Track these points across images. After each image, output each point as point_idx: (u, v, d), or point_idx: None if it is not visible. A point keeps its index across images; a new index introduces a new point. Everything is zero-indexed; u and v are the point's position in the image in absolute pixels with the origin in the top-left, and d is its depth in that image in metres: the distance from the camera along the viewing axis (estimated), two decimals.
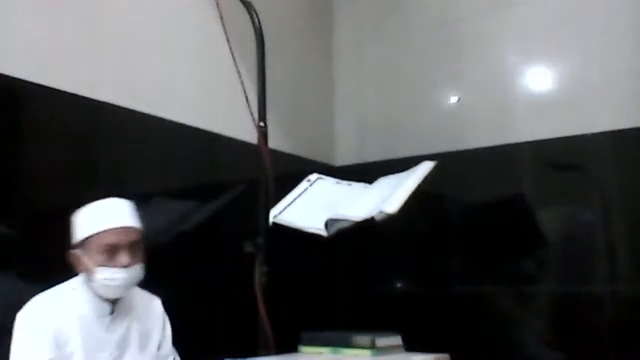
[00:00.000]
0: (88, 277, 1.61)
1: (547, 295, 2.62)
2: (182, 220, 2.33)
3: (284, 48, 2.84)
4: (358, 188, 2.71)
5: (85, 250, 1.61)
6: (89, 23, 2.12)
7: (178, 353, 1.82)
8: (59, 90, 1.97)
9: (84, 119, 2.05)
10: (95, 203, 1.65)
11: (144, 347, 1.71)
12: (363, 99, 3.23)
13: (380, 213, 2.22)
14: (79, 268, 1.63)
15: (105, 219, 1.62)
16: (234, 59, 2.38)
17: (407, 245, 2.85)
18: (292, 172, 2.76)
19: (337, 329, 2.41)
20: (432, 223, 2.85)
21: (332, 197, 2.64)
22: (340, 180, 2.79)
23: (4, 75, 1.82)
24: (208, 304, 2.28)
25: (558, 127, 2.61)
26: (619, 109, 2.52)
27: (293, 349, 2.25)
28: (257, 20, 2.37)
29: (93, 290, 1.62)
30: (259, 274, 2.19)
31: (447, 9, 3.02)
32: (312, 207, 2.55)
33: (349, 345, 2.16)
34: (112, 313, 1.65)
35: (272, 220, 2.35)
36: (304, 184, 2.69)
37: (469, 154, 2.79)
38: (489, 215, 2.73)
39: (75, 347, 1.57)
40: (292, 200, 2.57)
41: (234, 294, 2.26)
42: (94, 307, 1.63)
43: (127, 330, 1.67)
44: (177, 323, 1.82)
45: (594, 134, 2.53)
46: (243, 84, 2.35)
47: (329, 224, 2.39)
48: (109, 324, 1.64)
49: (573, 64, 2.67)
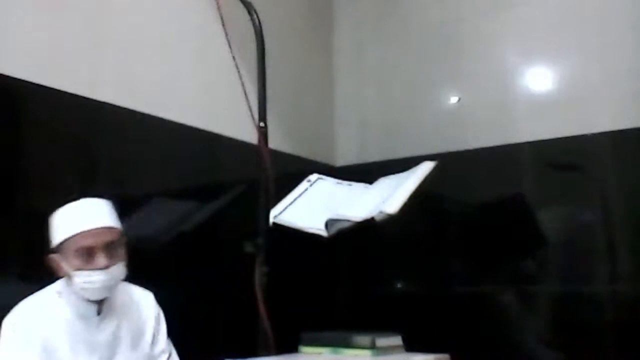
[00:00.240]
0: (68, 280, 1.58)
1: (547, 295, 2.62)
2: (182, 220, 2.32)
3: (284, 48, 2.84)
4: (358, 188, 2.71)
5: (62, 255, 1.57)
6: (89, 23, 2.12)
7: (178, 353, 1.81)
8: (59, 90, 1.96)
9: (84, 119, 2.05)
10: (69, 205, 1.61)
11: (136, 344, 1.69)
12: (363, 99, 3.23)
13: (380, 213, 2.22)
14: (59, 272, 1.59)
15: (78, 222, 1.57)
16: (234, 59, 2.39)
17: (407, 245, 2.85)
18: (292, 172, 2.76)
19: (337, 329, 2.41)
20: (432, 223, 2.85)
21: (332, 197, 2.63)
22: (340, 180, 2.79)
23: (4, 75, 1.82)
24: (208, 304, 2.27)
25: (558, 127, 2.61)
26: (619, 109, 2.52)
27: (293, 349, 2.25)
28: (257, 20, 2.37)
29: (76, 293, 1.59)
30: (259, 274, 2.20)
31: (447, 9, 3.01)
32: (312, 207, 2.55)
33: (349, 345, 2.16)
34: (99, 313, 1.62)
35: (272, 220, 2.35)
36: (304, 184, 2.69)
37: (469, 154, 2.79)
38: (489, 215, 2.73)
39: (63, 351, 1.55)
40: (292, 200, 2.57)
41: (234, 294, 2.26)
42: (80, 309, 1.60)
43: (116, 329, 1.65)
44: (177, 323, 1.82)
45: (594, 134, 2.53)
46: (243, 84, 2.35)
47: (329, 224, 2.38)
48: (97, 325, 1.62)
49: (573, 64, 2.67)
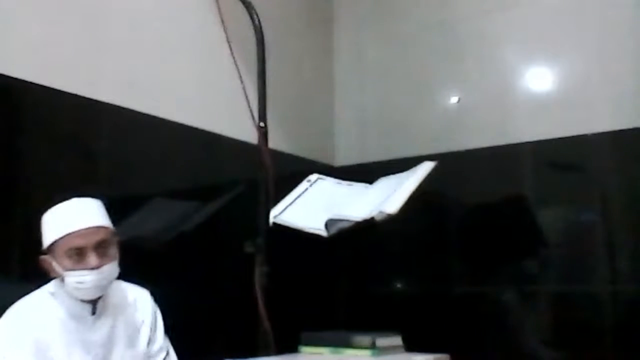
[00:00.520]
0: (60, 281, 1.58)
1: (547, 295, 2.62)
2: (182, 220, 2.32)
3: (284, 48, 2.84)
4: (358, 188, 2.71)
5: (54, 255, 1.55)
6: (89, 23, 2.12)
7: (178, 353, 1.81)
8: (59, 90, 1.96)
9: (84, 119, 2.05)
10: (59, 205, 1.58)
11: (132, 343, 1.69)
12: (363, 99, 3.22)
13: (380, 213, 2.22)
14: (51, 273, 1.58)
15: (68, 222, 1.55)
16: (234, 59, 2.38)
17: (407, 245, 2.85)
18: (292, 172, 2.76)
19: (337, 329, 2.41)
20: (432, 223, 2.85)
21: (332, 197, 2.63)
22: (340, 180, 2.79)
23: (4, 75, 1.82)
24: (208, 304, 2.27)
25: (558, 127, 2.61)
26: (619, 109, 2.52)
27: (293, 349, 2.25)
28: (257, 20, 2.37)
29: (69, 293, 1.58)
30: (259, 274, 2.19)
31: (447, 9, 3.01)
32: (312, 207, 2.55)
33: (349, 345, 2.15)
34: (93, 313, 1.61)
35: (272, 220, 2.35)
36: (304, 184, 2.69)
37: (469, 154, 2.79)
38: (489, 215, 2.73)
39: (57, 351, 1.54)
40: (292, 200, 2.57)
41: (234, 294, 2.26)
42: (74, 309, 1.59)
43: (111, 328, 1.64)
44: (177, 323, 1.82)
45: (594, 134, 2.53)
46: (243, 84, 2.35)
47: (329, 224, 2.38)
48: (92, 325, 1.61)
49: (573, 64, 2.67)
